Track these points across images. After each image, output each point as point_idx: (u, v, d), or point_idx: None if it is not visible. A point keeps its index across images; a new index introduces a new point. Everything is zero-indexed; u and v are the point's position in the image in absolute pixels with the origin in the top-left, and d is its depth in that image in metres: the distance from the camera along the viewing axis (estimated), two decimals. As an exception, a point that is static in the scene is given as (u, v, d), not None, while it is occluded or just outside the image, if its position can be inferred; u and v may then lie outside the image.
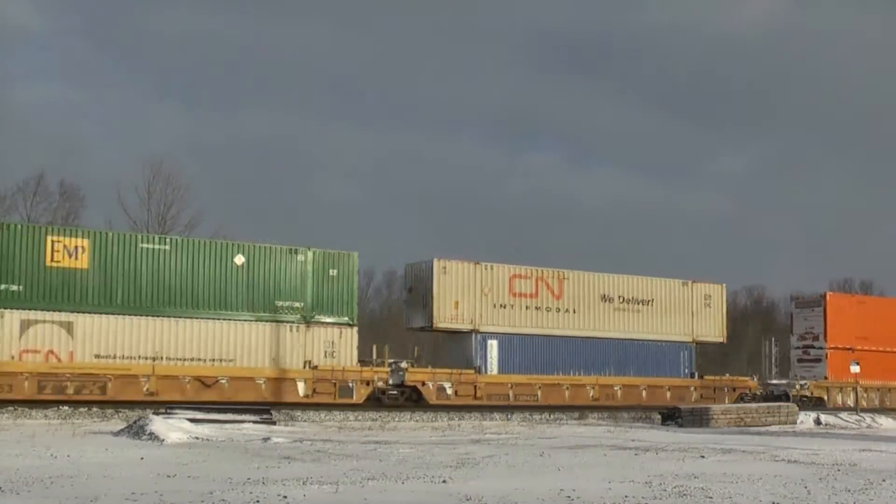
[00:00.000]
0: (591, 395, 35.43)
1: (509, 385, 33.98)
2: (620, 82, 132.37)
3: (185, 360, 29.00)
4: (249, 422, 24.65)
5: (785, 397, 39.08)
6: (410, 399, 32.36)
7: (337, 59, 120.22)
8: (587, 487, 12.57)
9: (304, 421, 27.72)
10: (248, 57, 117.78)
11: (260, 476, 13.32)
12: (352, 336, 31.48)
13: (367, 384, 31.13)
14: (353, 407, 30.21)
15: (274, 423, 25.61)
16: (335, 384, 30.49)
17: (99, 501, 10.64)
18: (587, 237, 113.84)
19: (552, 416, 31.57)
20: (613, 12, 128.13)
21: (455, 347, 34.85)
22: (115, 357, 28.20)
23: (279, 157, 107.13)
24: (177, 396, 28.30)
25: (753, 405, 33.37)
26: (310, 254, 31.13)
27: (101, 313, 28.17)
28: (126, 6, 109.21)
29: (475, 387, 33.14)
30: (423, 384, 32.30)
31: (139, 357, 28.43)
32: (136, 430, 20.73)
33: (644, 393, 36.48)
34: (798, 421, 32.15)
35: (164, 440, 19.54)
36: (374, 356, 32.44)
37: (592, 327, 36.15)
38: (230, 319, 29.82)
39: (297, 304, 30.59)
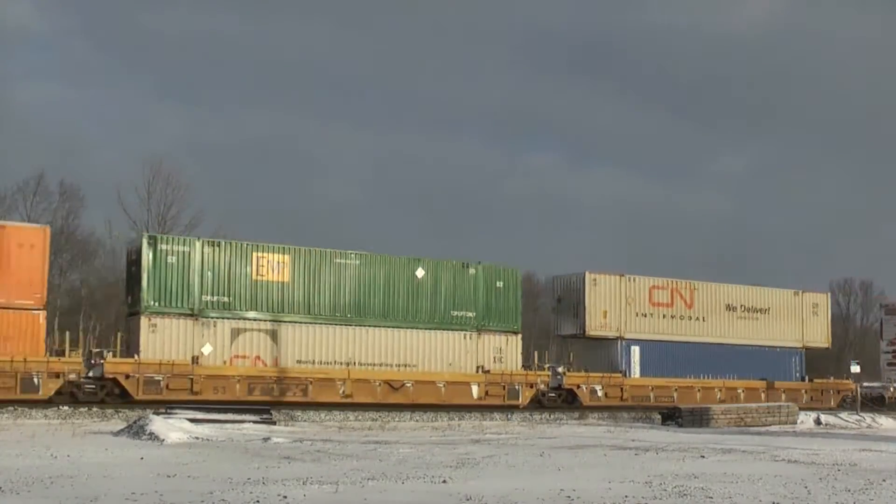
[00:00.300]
0: (718, 397, 37.15)
1: (650, 388, 36.10)
2: (620, 82, 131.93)
3: (374, 365, 31.18)
4: (249, 422, 24.74)
5: (880, 399, 40.24)
6: (566, 401, 34.24)
7: (337, 59, 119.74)
8: (587, 487, 12.66)
9: (304, 421, 27.65)
10: (248, 57, 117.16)
11: (260, 476, 13.34)
12: (516, 343, 33.73)
13: (531, 387, 33.23)
14: (520, 409, 32.03)
15: (274, 423, 25.40)
16: (504, 387, 32.59)
17: (99, 501, 10.69)
18: (587, 237, 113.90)
19: (552, 416, 31.60)
20: (613, 12, 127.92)
21: (600, 353, 36.72)
22: (313, 362, 30.42)
23: (279, 157, 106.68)
24: (368, 399, 30.72)
25: (753, 405, 33.16)
26: (479, 268, 33.42)
27: (301, 322, 30.52)
28: (126, 6, 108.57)
29: (622, 389, 35.25)
30: (579, 387, 34.41)
31: (335, 362, 30.67)
32: (136, 430, 20.59)
33: (763, 395, 38.16)
34: (798, 421, 31.86)
35: (164, 440, 19.42)
36: (536, 361, 34.45)
37: (718, 334, 38.36)
38: (412, 328, 31.97)
39: (469, 314, 32.81)
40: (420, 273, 32.32)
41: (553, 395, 34.41)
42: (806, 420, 32.57)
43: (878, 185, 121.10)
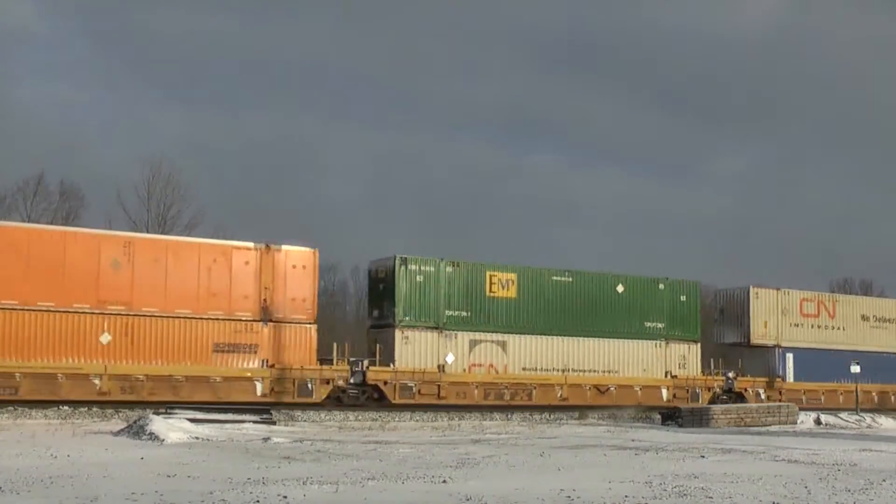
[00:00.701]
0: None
1: (802, 391, 38.64)
2: (621, 82, 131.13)
3: (584, 371, 33.88)
4: (249, 422, 23.69)
5: None
6: (735, 402, 36.31)
7: (338, 58, 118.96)
8: (587, 487, 12.26)
9: (304, 421, 26.99)
10: (249, 57, 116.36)
11: (260, 476, 12.91)
12: (696, 350, 36.39)
13: (709, 390, 36.02)
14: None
15: (274, 423, 24.45)
16: (688, 390, 35.40)
17: (99, 501, 10.34)
18: (588, 237, 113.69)
19: (552, 416, 31.32)
20: (614, 12, 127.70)
21: (758, 359, 39.24)
22: (536, 369, 33.03)
23: (280, 156, 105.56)
24: (580, 401, 33.09)
25: (754, 405, 32.60)
26: (667, 283, 36.17)
27: (526, 333, 33.16)
28: (127, 6, 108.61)
29: (780, 392, 37.78)
30: (746, 390, 37.12)
31: (553, 369, 33.30)
32: (136, 430, 19.84)
33: (893, 398, 40.64)
34: (798, 421, 30.86)
35: (164, 440, 18.77)
36: (712, 367, 36.98)
37: (855, 342, 40.65)
38: (614, 337, 34.55)
39: (659, 325, 35.63)
40: (620, 289, 35.35)
41: (725, 397, 37.00)
42: (806, 420, 31.46)
43: (878, 185, 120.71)
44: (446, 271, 32.45)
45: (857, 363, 38.71)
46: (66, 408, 26.14)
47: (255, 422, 24.02)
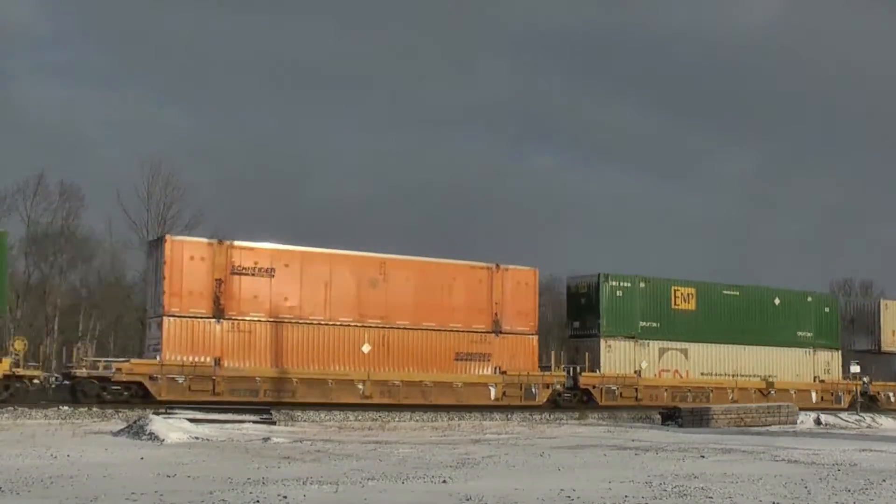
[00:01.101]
0: None
1: None
2: (621, 82, 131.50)
3: (749, 376, 36.77)
4: (249, 422, 21.86)
5: None
6: (867, 405, 37.55)
7: (338, 58, 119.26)
8: (587, 487, 11.31)
9: (304, 421, 25.02)
10: (250, 57, 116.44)
11: (260, 476, 11.91)
12: (838, 357, 38.77)
13: (849, 393, 37.71)
14: (840, 410, 36.25)
15: (274, 423, 22.41)
16: (832, 394, 37.76)
17: (99, 501, 9.56)
18: (590, 237, 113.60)
19: (552, 416, 29.59)
20: (614, 13, 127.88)
21: (883, 365, 41.66)
22: (711, 374, 35.91)
23: (279, 157, 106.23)
24: (745, 402, 34.65)
25: (754, 405, 30.92)
26: (814, 296, 39.59)
27: (703, 342, 36.11)
28: (129, 6, 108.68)
29: None
30: (878, 393, 39.16)
31: (724, 374, 36.30)
32: (136, 430, 18.16)
33: None
34: (798, 421, 28.64)
35: (164, 440, 17.33)
36: (851, 372, 37.96)
37: None
38: (772, 345, 37.42)
39: (808, 334, 38.30)
40: (777, 302, 38.18)
41: (861, 399, 37.75)
42: (806, 420, 28.98)
43: (878, 186, 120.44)
44: (640, 287, 35.01)
45: (857, 363, 39.70)
46: (65, 408, 25.19)
47: (254, 422, 23.38)
